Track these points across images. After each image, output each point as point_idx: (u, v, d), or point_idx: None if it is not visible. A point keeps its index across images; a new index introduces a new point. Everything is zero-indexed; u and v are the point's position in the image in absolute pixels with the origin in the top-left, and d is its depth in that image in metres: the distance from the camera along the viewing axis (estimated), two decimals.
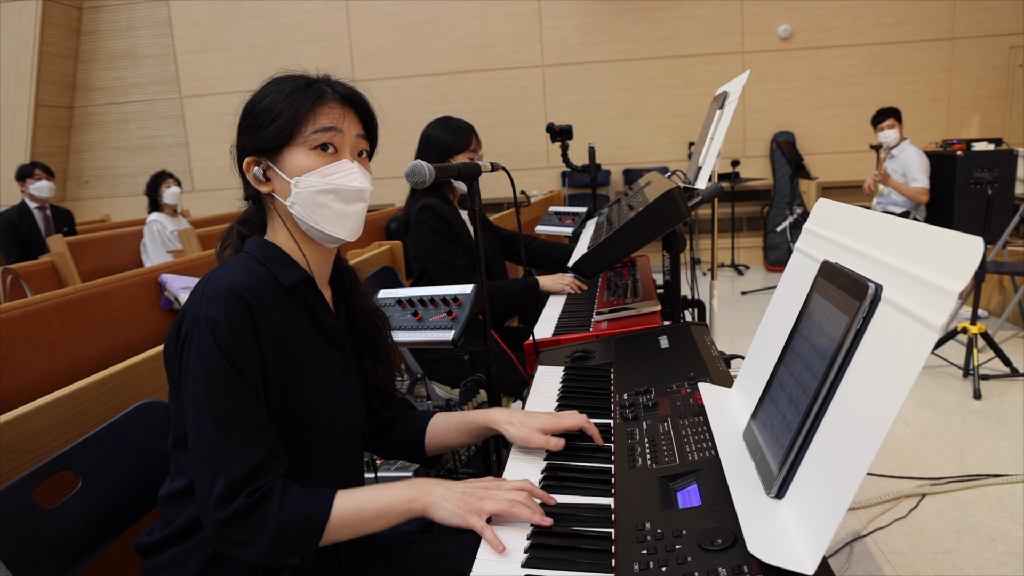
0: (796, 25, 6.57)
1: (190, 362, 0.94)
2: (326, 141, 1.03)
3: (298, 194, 1.03)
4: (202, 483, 0.92)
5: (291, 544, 0.92)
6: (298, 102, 1.02)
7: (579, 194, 6.69)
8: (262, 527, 0.90)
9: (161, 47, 7.37)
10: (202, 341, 0.93)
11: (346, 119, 1.06)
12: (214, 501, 0.90)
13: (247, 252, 1.06)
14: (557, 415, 1.15)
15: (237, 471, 0.91)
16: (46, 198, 5.08)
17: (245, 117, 1.06)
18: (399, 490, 0.97)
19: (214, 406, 0.92)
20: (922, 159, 4.69)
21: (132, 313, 2.68)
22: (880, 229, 0.84)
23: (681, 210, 1.68)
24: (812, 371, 0.84)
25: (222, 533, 0.91)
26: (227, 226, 1.16)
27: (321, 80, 1.07)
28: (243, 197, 1.13)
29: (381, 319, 1.22)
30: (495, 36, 6.94)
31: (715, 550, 0.77)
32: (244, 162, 1.06)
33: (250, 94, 1.08)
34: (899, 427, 2.95)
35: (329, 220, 1.05)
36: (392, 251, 2.79)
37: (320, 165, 1.03)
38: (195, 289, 0.99)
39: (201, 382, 0.93)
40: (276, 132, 1.02)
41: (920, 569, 2.02)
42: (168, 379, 1.02)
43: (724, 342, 4.20)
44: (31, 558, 0.97)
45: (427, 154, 2.31)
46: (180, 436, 1.01)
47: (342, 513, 0.95)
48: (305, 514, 0.92)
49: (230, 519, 0.90)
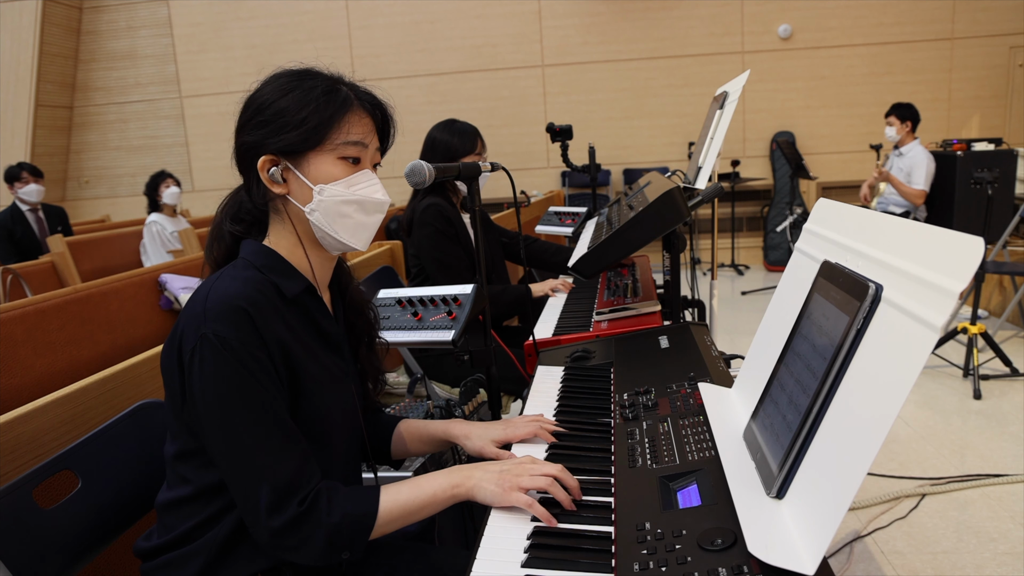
0: (796, 25, 6.57)
1: (206, 383, 0.92)
2: (356, 155, 1.02)
3: (321, 202, 1.01)
4: (246, 495, 0.93)
5: (344, 544, 0.95)
6: (327, 107, 1.00)
7: (579, 194, 6.69)
8: (315, 532, 0.93)
9: (161, 47, 7.37)
10: (217, 359, 0.91)
11: (371, 132, 1.05)
12: (264, 511, 0.91)
13: (245, 259, 1.03)
14: (512, 424, 1.18)
15: (281, 479, 0.92)
16: (35, 201, 4.98)
17: (259, 112, 1.01)
18: (441, 479, 1.00)
19: (246, 421, 0.92)
20: (929, 163, 4.65)
21: (132, 313, 2.68)
22: (880, 229, 0.84)
23: (681, 210, 1.68)
24: (812, 371, 0.83)
25: (277, 541, 0.93)
26: (214, 222, 1.11)
27: (346, 84, 1.04)
28: (245, 195, 1.08)
29: (373, 311, 1.22)
30: (495, 36, 6.93)
31: (715, 550, 0.77)
32: (260, 160, 1.01)
33: (257, 87, 1.04)
34: (899, 427, 2.95)
35: (349, 230, 1.04)
36: (392, 251, 2.79)
37: (346, 175, 1.02)
38: (193, 301, 0.96)
39: (227, 400, 0.92)
40: (304, 135, 0.99)
41: (920, 569, 2.02)
42: (166, 391, 1.00)
43: (724, 342, 4.20)
44: (31, 558, 0.97)
45: (432, 157, 2.31)
46: (185, 448, 0.99)
47: (390, 508, 0.97)
48: (355, 515, 0.95)
49: (284, 528, 0.92)
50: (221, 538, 0.98)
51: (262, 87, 1.04)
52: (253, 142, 1.01)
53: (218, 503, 0.99)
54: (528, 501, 0.92)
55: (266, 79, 1.04)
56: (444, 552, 1.21)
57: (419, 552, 1.20)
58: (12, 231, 4.92)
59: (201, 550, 0.99)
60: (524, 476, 0.95)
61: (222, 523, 0.99)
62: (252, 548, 1.00)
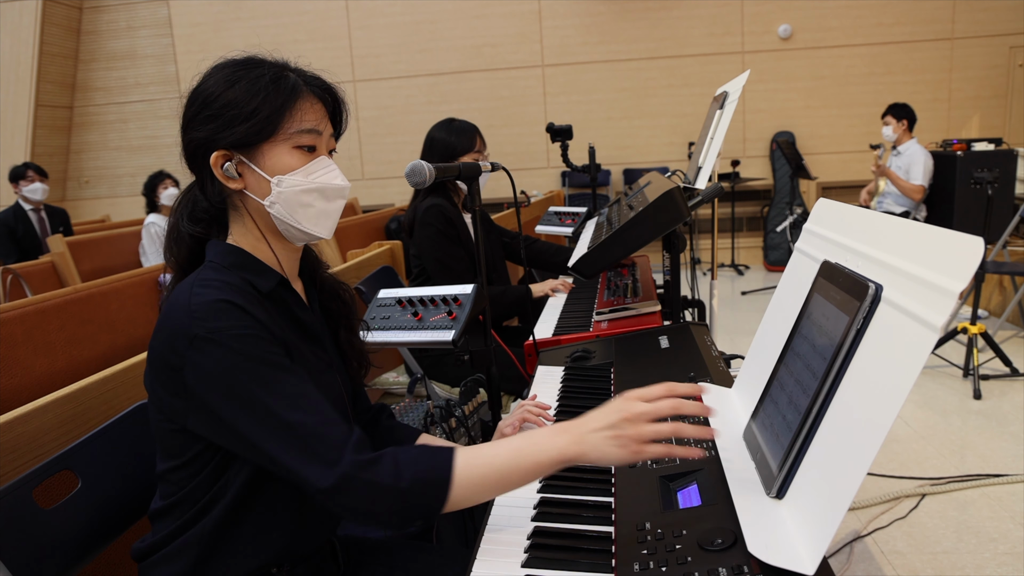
0: (796, 25, 6.57)
1: (214, 378, 0.88)
2: (311, 143, 1.00)
3: (280, 193, 0.98)
4: (304, 470, 0.87)
5: (414, 511, 0.88)
6: (276, 96, 0.96)
7: (579, 194, 6.69)
8: (379, 498, 0.86)
9: (161, 47, 7.36)
10: (224, 352, 0.88)
11: (324, 118, 1.02)
12: (324, 480, 0.86)
13: (212, 261, 0.99)
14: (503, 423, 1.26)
15: (334, 445, 0.87)
16: (40, 200, 5.00)
17: (206, 106, 0.97)
18: (544, 442, 0.89)
19: (278, 402, 0.88)
20: (927, 160, 4.69)
21: (132, 313, 2.68)
22: (880, 229, 0.84)
23: (681, 210, 1.68)
24: (812, 371, 0.83)
25: (340, 505, 0.87)
26: (170, 223, 1.06)
27: (291, 70, 1.01)
28: (199, 193, 1.04)
29: (347, 292, 1.18)
30: (495, 36, 6.93)
31: (715, 550, 0.77)
32: (212, 156, 0.97)
33: (200, 79, 1.00)
34: (899, 427, 2.95)
35: (312, 219, 1.01)
36: (392, 251, 2.79)
37: (303, 164, 0.99)
38: (172, 313, 0.92)
39: (241, 385, 0.88)
40: (256, 127, 0.96)
41: (920, 569, 2.02)
42: (154, 411, 0.97)
43: (724, 342, 4.20)
44: (31, 558, 0.97)
45: (431, 156, 2.31)
46: (175, 463, 0.97)
47: (471, 474, 0.89)
48: (426, 481, 0.87)
49: (347, 494, 0.86)
50: (211, 527, 0.96)
51: (205, 79, 1.00)
52: (203, 138, 0.98)
53: (205, 499, 0.97)
54: (663, 451, 0.85)
55: (208, 71, 1.00)
56: (443, 552, 1.21)
57: (418, 552, 1.20)
58: (14, 230, 4.93)
59: (193, 541, 0.97)
60: (646, 428, 0.86)
61: (210, 514, 0.96)
62: (248, 542, 0.98)
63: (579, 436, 0.88)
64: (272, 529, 1.00)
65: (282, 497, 1.00)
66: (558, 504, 0.99)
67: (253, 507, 0.98)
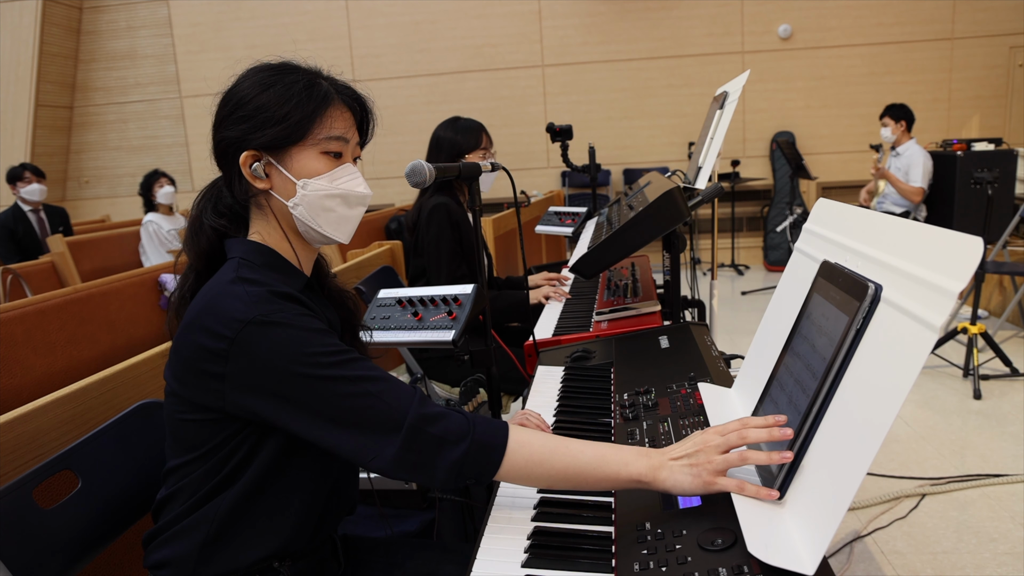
0: (796, 25, 6.57)
1: (279, 360, 0.90)
2: (338, 149, 1.03)
3: (304, 196, 1.01)
4: (375, 432, 0.91)
5: (467, 475, 0.93)
6: (308, 102, 1.00)
7: (579, 194, 6.69)
8: (435, 458, 0.91)
9: (161, 47, 7.37)
10: (282, 334, 0.90)
11: (352, 126, 1.06)
12: (384, 440, 0.90)
13: (240, 258, 1.01)
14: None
15: (409, 408, 0.91)
16: (38, 201, 4.99)
17: (239, 107, 1.01)
18: (630, 459, 0.92)
19: (347, 375, 0.91)
20: (926, 161, 4.68)
21: (132, 313, 2.68)
22: (880, 229, 0.84)
23: (681, 210, 1.68)
24: (812, 371, 0.83)
25: (403, 456, 0.91)
26: (192, 214, 1.08)
27: (324, 78, 1.05)
28: (225, 189, 1.07)
29: (351, 300, 1.20)
30: (495, 36, 6.93)
31: (715, 550, 0.77)
32: (242, 156, 1.00)
33: (235, 81, 1.03)
34: (899, 427, 2.95)
35: (332, 224, 1.04)
36: (392, 251, 2.79)
37: (329, 169, 1.02)
38: (217, 302, 0.93)
39: (302, 357, 0.90)
40: (286, 131, 0.99)
41: (920, 569, 2.02)
42: (173, 400, 0.97)
43: (724, 342, 4.20)
44: (31, 558, 0.97)
45: (438, 155, 2.30)
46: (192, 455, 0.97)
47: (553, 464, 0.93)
48: (482, 444, 0.93)
49: (408, 454, 0.90)
50: (224, 509, 0.97)
51: (240, 82, 1.03)
52: (234, 137, 1.01)
53: (216, 480, 0.97)
54: (737, 485, 0.85)
55: (243, 74, 1.04)
56: (444, 551, 1.21)
57: (418, 550, 1.20)
58: (14, 230, 4.93)
59: (201, 521, 0.97)
60: (716, 458, 0.87)
61: (223, 495, 0.97)
62: (256, 531, 0.98)
63: (660, 462, 0.90)
64: (281, 519, 1.00)
65: (296, 487, 1.00)
66: (558, 504, 0.99)
67: (265, 495, 0.99)
